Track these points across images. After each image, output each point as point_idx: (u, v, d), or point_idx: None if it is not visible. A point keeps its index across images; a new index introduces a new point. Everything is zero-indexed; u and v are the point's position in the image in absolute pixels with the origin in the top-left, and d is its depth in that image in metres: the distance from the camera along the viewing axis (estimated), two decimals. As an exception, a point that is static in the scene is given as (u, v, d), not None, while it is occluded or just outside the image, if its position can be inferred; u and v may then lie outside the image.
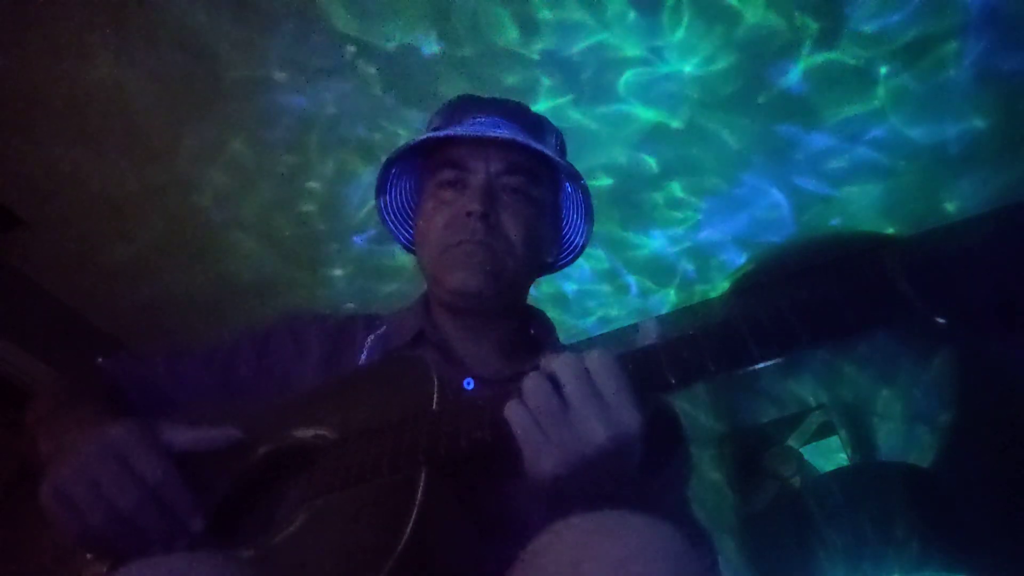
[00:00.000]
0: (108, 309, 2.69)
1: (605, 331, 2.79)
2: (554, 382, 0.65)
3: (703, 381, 0.65)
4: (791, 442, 2.32)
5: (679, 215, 2.45)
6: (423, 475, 0.67)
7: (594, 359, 0.65)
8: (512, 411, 0.65)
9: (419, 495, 0.65)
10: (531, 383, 0.65)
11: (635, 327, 2.73)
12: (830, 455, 2.38)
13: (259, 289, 2.62)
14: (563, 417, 0.63)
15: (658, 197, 2.39)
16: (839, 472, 2.23)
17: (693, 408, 2.50)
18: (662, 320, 2.73)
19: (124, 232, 2.41)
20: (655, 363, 0.66)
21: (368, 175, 2.26)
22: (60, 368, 2.48)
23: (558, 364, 0.66)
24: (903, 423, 2.29)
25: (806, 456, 2.33)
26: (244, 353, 0.99)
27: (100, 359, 0.99)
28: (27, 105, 2.04)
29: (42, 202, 2.31)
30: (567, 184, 1.03)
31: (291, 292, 2.63)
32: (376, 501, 0.69)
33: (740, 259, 2.60)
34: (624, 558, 0.52)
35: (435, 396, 0.74)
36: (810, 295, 0.62)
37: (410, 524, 0.63)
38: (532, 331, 1.01)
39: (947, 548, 1.89)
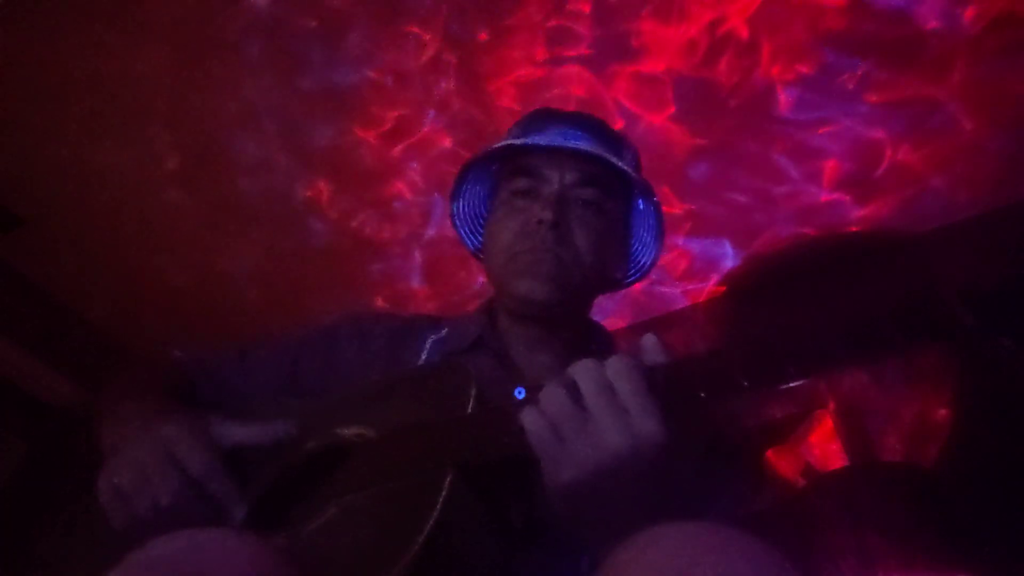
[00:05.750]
0: (108, 309, 2.68)
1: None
2: (574, 389, 0.63)
3: (736, 396, 0.60)
4: (791, 442, 2.32)
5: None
6: (448, 478, 0.67)
7: (615, 365, 0.62)
8: (527, 417, 0.63)
9: (442, 497, 0.66)
10: (549, 390, 0.63)
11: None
12: (830, 455, 2.38)
13: (260, 288, 2.62)
14: (580, 425, 0.61)
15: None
16: (839, 472, 2.23)
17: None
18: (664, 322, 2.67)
19: (124, 232, 2.41)
20: (687, 376, 0.62)
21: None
22: (64, 371, 2.48)
23: (577, 370, 0.63)
24: (903, 423, 2.28)
25: (806, 456, 2.33)
26: (312, 347, 1.01)
27: (176, 352, 1.03)
28: (27, 101, 2.04)
29: (42, 202, 2.31)
30: (639, 201, 1.03)
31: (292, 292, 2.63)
32: (400, 500, 0.70)
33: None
34: (733, 565, 0.49)
35: (471, 402, 0.74)
36: (851, 311, 0.57)
37: (429, 524, 0.63)
38: (592, 346, 1.01)
39: (947, 548, 1.88)
